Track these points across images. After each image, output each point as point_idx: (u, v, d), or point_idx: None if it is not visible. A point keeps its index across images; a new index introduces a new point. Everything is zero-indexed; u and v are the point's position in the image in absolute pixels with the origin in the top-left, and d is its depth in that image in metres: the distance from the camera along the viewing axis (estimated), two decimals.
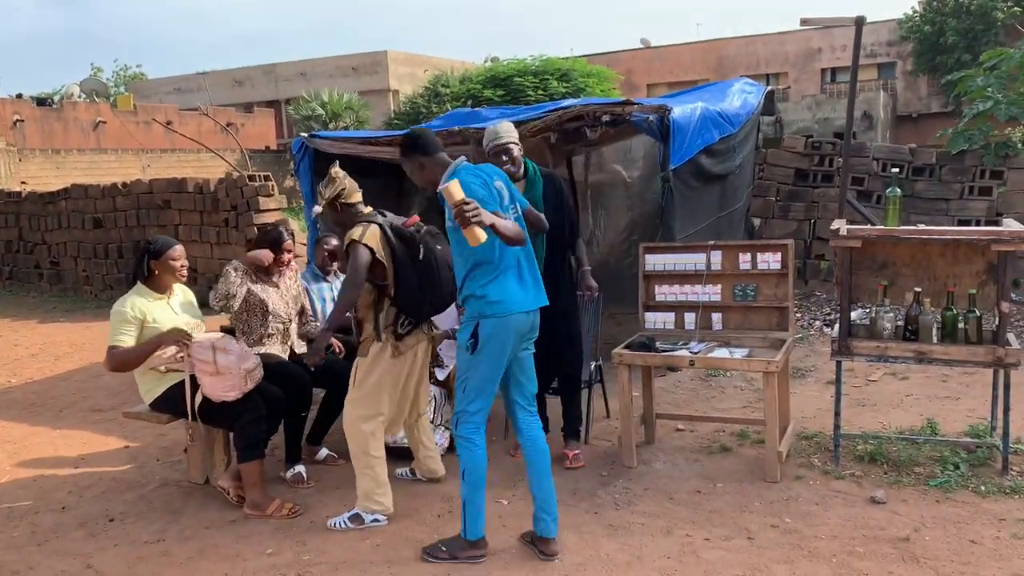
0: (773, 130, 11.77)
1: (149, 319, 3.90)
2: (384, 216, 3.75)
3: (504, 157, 4.07)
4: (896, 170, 5.26)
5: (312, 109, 24.06)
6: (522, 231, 3.27)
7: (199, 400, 3.86)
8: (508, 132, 4.12)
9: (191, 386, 3.87)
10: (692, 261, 4.51)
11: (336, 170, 3.80)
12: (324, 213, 3.84)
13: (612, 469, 4.22)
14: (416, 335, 3.80)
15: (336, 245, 4.88)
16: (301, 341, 4.63)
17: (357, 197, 3.80)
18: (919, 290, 3.87)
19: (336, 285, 5.00)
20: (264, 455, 3.97)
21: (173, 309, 4.05)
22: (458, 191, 3.00)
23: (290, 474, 4.27)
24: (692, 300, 4.50)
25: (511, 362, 3.33)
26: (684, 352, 4.21)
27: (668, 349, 4.31)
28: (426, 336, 3.88)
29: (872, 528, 3.45)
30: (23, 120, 21.17)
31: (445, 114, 8.44)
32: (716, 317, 4.48)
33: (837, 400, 4.14)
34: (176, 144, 22.66)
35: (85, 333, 9.08)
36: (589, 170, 7.46)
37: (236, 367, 3.78)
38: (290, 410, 4.18)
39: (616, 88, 18.58)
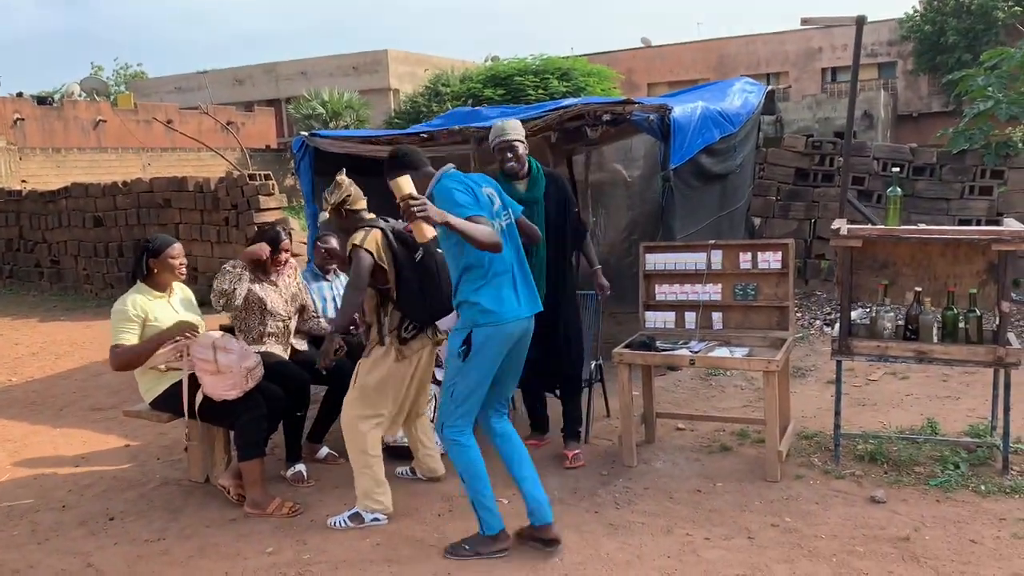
0: (774, 129, 11.74)
1: (150, 317, 3.91)
2: (387, 222, 3.78)
3: (508, 154, 4.09)
4: (897, 170, 5.27)
5: (312, 108, 24.02)
6: (500, 238, 3.20)
7: (199, 399, 3.87)
8: (514, 129, 4.13)
9: (190, 385, 3.87)
10: (692, 260, 4.51)
11: (341, 177, 3.86)
12: (329, 219, 3.90)
13: (612, 468, 4.22)
14: (421, 340, 3.81)
15: (334, 245, 4.90)
16: (300, 338, 4.63)
17: (362, 204, 3.86)
18: (919, 290, 3.87)
19: (335, 284, 5.01)
20: (264, 454, 3.98)
21: (173, 307, 4.05)
22: (407, 185, 3.00)
23: (290, 473, 4.28)
24: (692, 299, 4.50)
25: (500, 366, 3.32)
26: (684, 351, 4.22)
27: (668, 348, 4.31)
28: (431, 341, 3.88)
29: (872, 528, 3.45)
30: (24, 119, 21.16)
31: (445, 113, 8.44)
32: (716, 316, 4.48)
33: (837, 399, 4.14)
34: (176, 143, 22.67)
35: (85, 332, 9.08)
36: (589, 169, 7.45)
37: (237, 366, 3.79)
38: (290, 409, 4.19)
39: (617, 87, 18.57)
